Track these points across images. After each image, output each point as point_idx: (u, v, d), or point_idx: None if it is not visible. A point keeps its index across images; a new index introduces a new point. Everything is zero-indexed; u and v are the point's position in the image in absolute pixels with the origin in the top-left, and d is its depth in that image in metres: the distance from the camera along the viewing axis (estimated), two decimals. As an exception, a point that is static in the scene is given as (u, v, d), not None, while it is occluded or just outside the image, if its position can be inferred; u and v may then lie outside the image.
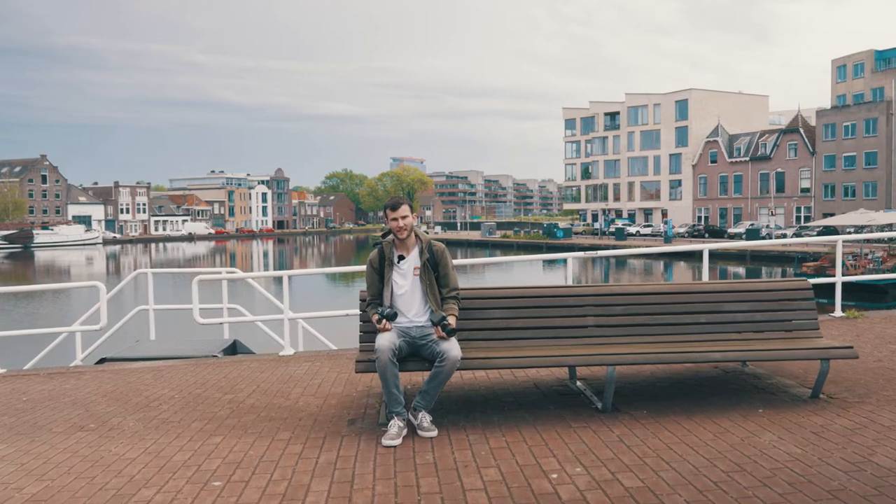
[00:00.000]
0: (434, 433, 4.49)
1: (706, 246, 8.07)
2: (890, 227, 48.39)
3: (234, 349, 9.08)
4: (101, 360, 8.39)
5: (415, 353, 4.73)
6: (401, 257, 4.84)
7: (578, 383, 5.61)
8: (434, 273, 4.85)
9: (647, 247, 62.54)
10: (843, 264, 37.06)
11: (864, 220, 38.05)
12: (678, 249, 8.35)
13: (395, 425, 4.44)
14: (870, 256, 37.38)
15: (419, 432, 4.51)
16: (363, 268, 5.15)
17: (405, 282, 4.83)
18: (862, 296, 30.76)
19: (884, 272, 35.74)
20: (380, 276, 4.89)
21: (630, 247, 66.33)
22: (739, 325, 5.29)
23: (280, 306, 8.37)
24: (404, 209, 4.78)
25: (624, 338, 5.18)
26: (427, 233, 5.00)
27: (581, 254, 7.96)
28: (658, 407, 4.95)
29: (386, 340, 4.51)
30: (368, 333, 5.05)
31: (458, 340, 4.78)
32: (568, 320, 5.23)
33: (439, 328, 4.61)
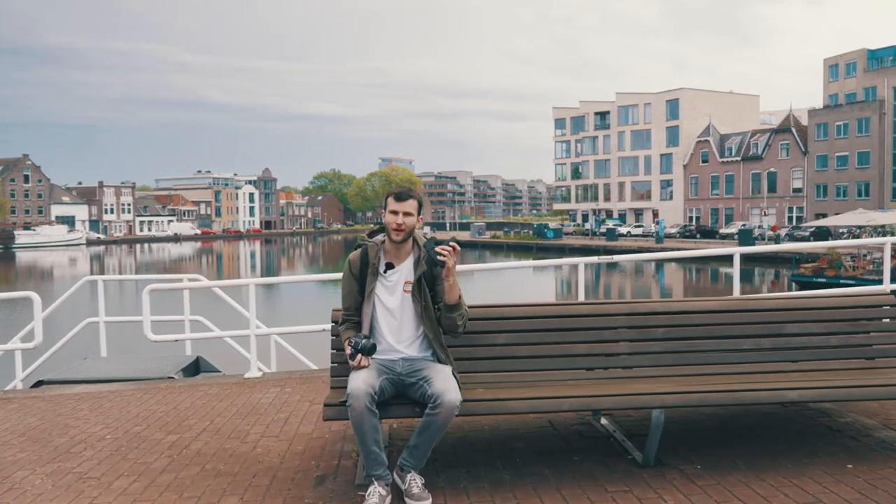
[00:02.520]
0: (427, 502, 3.39)
1: (737, 250, 7.01)
2: (883, 227, 47.66)
3: (196, 368, 7.95)
4: (39, 383, 7.24)
5: (401, 393, 3.62)
6: (389, 266, 3.72)
7: (604, 421, 4.52)
8: (431, 291, 3.74)
9: (639, 247, 61.57)
10: (842, 265, 36.28)
11: (863, 220, 37.17)
12: (706, 254, 7.29)
13: (376, 493, 3.34)
14: (868, 258, 36.54)
15: (407, 500, 3.40)
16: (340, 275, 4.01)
17: (392, 299, 3.71)
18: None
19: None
20: (359, 285, 3.77)
21: (622, 247, 65.31)
22: (809, 352, 4.22)
23: (246, 315, 7.24)
24: (411, 204, 3.66)
25: (667, 368, 4.09)
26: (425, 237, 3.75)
27: (595, 258, 6.88)
28: (713, 458, 3.86)
29: (361, 382, 3.38)
30: (342, 364, 3.94)
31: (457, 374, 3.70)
32: (595, 346, 4.13)
33: (440, 248, 3.56)
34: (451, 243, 3.57)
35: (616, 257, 6.96)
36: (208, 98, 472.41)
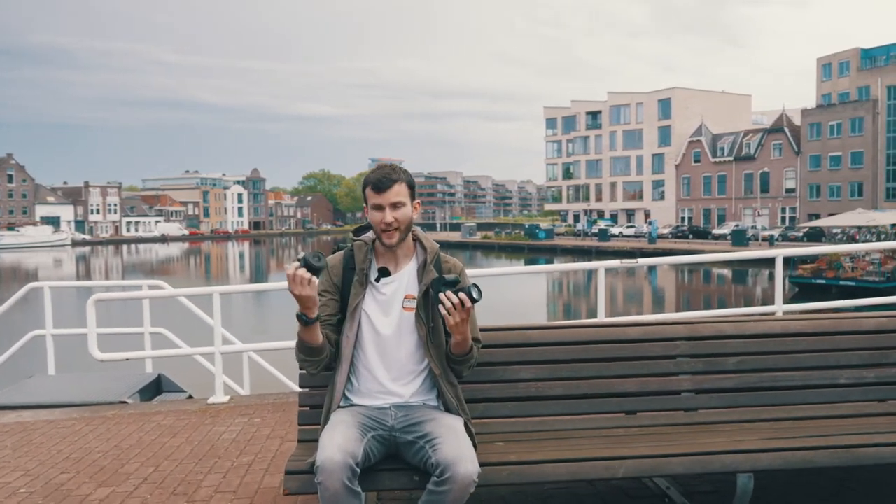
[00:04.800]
0: None
1: (780, 252, 6.07)
2: (876, 228, 46.96)
3: (156, 388, 6.92)
4: (-32, 409, 6.20)
5: (394, 453, 2.62)
6: (383, 272, 2.69)
7: (651, 472, 3.53)
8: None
9: (632, 248, 60.55)
10: (841, 266, 35.60)
11: (864, 220, 36.43)
12: (745, 256, 6.33)
13: None
14: (868, 258, 35.87)
15: None
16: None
17: (386, 320, 2.66)
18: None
19: (883, 274, 34.32)
20: (340, 301, 2.71)
21: (614, 248, 64.37)
22: (923, 387, 3.25)
23: (208, 324, 6.24)
24: (398, 191, 2.59)
25: (743, 410, 3.11)
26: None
27: (617, 262, 5.92)
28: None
29: (337, 449, 2.35)
30: (315, 409, 2.95)
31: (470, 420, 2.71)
32: (649, 382, 3.15)
33: (448, 294, 2.44)
34: (461, 294, 2.46)
35: (642, 261, 5.99)
36: (196, 98, 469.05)
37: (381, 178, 2.59)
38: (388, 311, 2.68)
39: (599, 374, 3.13)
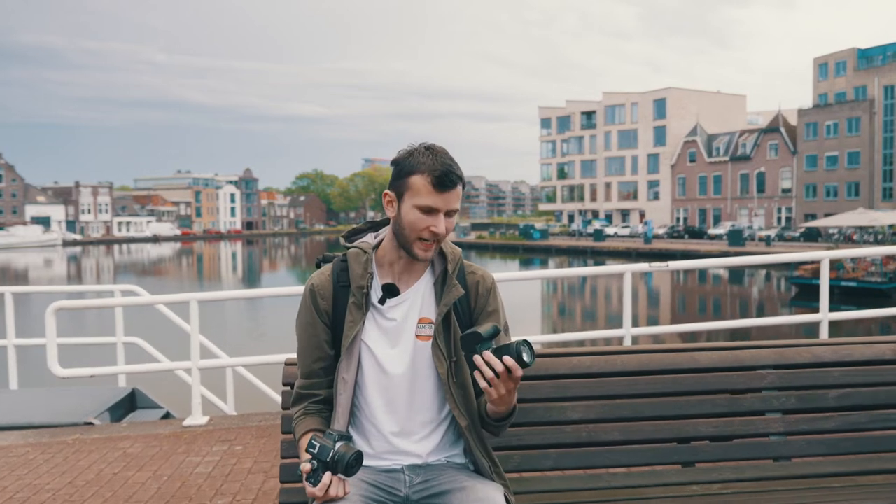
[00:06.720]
0: None
1: (826, 254, 5.43)
2: (874, 228, 46.57)
3: (130, 404, 6.24)
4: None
5: (408, 529, 1.94)
6: (389, 290, 1.97)
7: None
8: None
9: (627, 248, 59.99)
10: (842, 267, 35.13)
11: (866, 220, 35.92)
12: (786, 259, 5.68)
13: None
14: (869, 259, 35.41)
15: None
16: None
17: (394, 353, 1.96)
18: (862, 300, 28.77)
19: (885, 275, 33.86)
20: (331, 331, 2.00)
21: (610, 248, 63.81)
22: None
23: (184, 330, 5.55)
24: (460, 193, 1.89)
25: (850, 459, 2.44)
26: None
27: (647, 266, 5.25)
28: None
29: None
30: (297, 459, 2.26)
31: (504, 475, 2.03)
32: (730, 423, 2.46)
33: (487, 356, 1.71)
34: (507, 359, 1.69)
35: (672, 264, 5.33)
36: (189, 98, 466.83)
37: (448, 171, 1.84)
38: (396, 342, 1.96)
39: (666, 414, 2.45)
